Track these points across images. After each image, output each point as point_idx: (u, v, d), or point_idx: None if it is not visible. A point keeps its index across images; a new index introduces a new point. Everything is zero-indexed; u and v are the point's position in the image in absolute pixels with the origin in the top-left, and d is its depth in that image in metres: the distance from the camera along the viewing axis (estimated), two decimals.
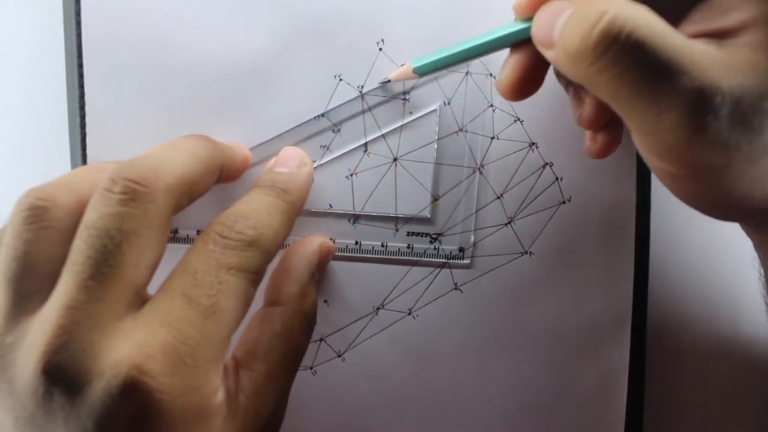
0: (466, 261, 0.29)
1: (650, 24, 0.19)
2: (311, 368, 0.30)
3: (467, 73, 0.29)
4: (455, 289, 0.30)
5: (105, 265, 0.20)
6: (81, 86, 0.27)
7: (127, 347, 0.19)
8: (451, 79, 0.29)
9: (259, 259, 0.23)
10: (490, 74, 0.29)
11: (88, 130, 0.28)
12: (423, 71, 0.26)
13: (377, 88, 0.28)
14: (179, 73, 0.28)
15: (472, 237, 0.29)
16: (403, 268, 0.29)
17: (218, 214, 0.23)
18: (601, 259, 0.30)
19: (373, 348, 0.30)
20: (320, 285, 0.29)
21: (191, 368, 0.20)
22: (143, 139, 0.28)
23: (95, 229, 0.20)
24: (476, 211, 0.29)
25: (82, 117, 0.27)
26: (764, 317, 0.28)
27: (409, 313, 0.30)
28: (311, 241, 0.28)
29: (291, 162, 0.27)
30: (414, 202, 0.29)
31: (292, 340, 0.25)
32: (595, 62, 0.19)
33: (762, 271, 0.25)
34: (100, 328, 0.19)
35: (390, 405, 0.30)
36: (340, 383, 0.30)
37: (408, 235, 0.29)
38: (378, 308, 0.29)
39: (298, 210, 0.26)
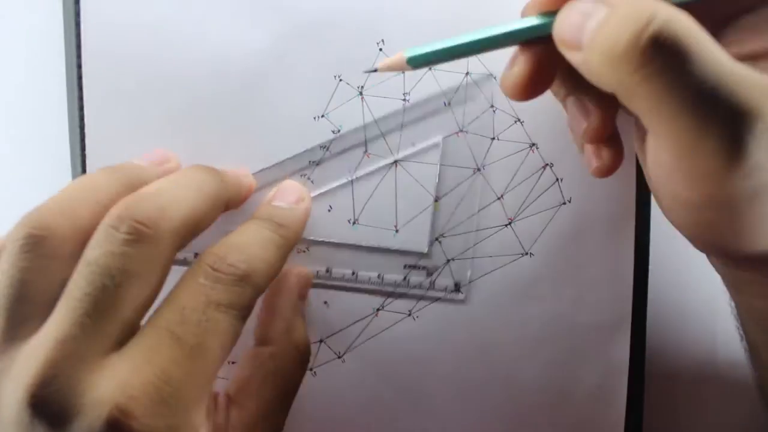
0: (461, 296, 0.30)
1: (699, 36, 0.17)
2: (311, 369, 0.30)
3: (467, 73, 0.29)
4: (456, 290, 0.30)
5: (102, 303, 0.20)
6: (80, 88, 0.27)
7: (111, 386, 0.19)
8: (451, 79, 0.29)
9: (249, 294, 0.22)
10: (491, 75, 0.29)
11: (87, 131, 0.27)
12: (417, 63, 0.22)
13: (375, 86, 0.28)
14: (178, 74, 0.28)
15: (471, 260, 0.29)
16: (404, 270, 0.29)
17: (214, 242, 0.23)
18: (601, 260, 0.30)
19: (374, 349, 0.30)
20: (320, 287, 0.29)
21: (174, 408, 0.20)
22: (142, 140, 0.28)
23: (97, 266, 0.20)
24: (478, 211, 0.29)
25: (81, 118, 0.27)
26: None
27: (409, 315, 0.30)
28: (288, 276, 0.28)
29: (290, 196, 0.27)
30: (414, 202, 0.29)
31: (285, 377, 0.25)
32: (640, 69, 0.17)
33: (734, 306, 0.24)
34: (89, 364, 0.19)
35: (390, 406, 0.30)
36: (340, 384, 0.30)
37: (405, 267, 0.29)
38: (378, 309, 0.29)
39: (292, 245, 0.26)
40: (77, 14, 0.27)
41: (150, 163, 0.26)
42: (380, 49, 0.28)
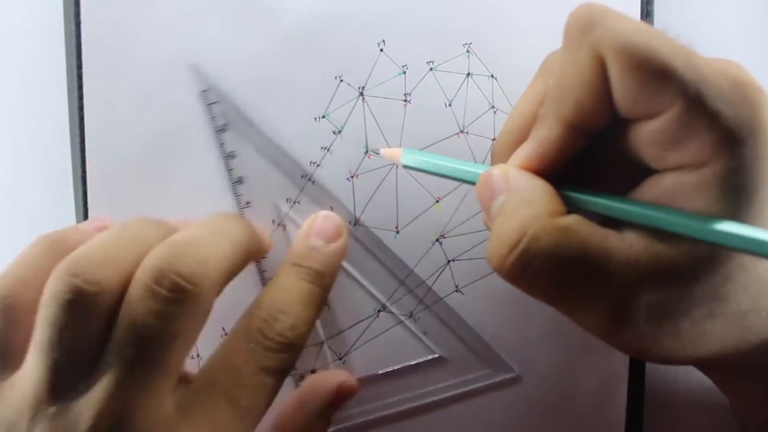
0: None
1: (565, 239, 0.19)
2: (312, 371, 0.29)
3: (468, 74, 0.29)
4: (456, 291, 0.30)
5: (149, 360, 0.20)
6: (80, 87, 0.27)
7: None
8: (452, 80, 0.29)
9: (294, 358, 0.24)
10: (492, 75, 0.29)
11: (87, 131, 0.27)
12: (408, 166, 0.25)
13: (375, 87, 0.28)
14: (179, 75, 0.27)
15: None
16: (405, 270, 0.29)
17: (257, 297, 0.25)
18: None
19: (375, 351, 0.29)
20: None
21: None
22: (143, 140, 0.28)
23: (142, 324, 0.20)
24: (479, 212, 0.29)
25: (81, 119, 0.27)
26: None
27: (410, 316, 0.30)
28: (331, 377, 0.28)
29: (327, 233, 0.27)
30: (415, 203, 0.29)
31: None
32: (515, 281, 0.20)
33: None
34: (146, 415, 0.20)
35: (391, 407, 0.30)
36: None
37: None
38: (379, 311, 0.29)
39: (329, 292, 0.27)
40: (77, 15, 0.27)
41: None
42: (381, 50, 0.28)
